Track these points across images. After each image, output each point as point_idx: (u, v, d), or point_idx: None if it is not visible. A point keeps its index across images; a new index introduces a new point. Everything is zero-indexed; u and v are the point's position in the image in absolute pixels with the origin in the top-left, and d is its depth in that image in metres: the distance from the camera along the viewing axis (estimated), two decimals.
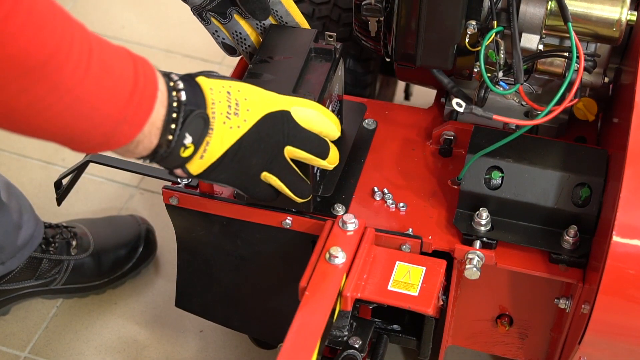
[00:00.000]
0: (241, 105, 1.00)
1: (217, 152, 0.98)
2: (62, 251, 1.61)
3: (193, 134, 0.95)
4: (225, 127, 0.98)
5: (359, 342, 1.17)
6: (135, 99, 0.88)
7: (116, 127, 0.87)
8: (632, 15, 1.15)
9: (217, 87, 0.99)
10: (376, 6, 1.19)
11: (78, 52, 0.82)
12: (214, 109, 0.97)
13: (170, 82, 0.94)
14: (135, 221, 1.73)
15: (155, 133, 0.92)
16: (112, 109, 0.86)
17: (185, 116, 0.93)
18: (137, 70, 0.89)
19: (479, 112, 1.11)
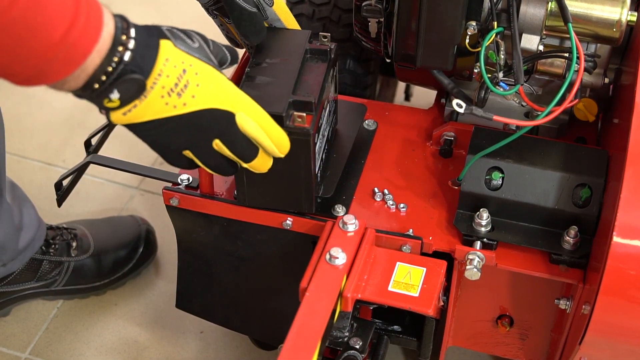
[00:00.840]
0: (189, 88, 0.96)
1: (142, 117, 0.95)
2: (62, 253, 1.61)
3: (122, 92, 0.91)
4: (161, 101, 0.94)
5: (360, 343, 1.17)
6: (69, 39, 0.84)
7: (46, 62, 0.84)
8: (632, 16, 1.15)
9: (175, 60, 0.94)
10: (376, 7, 1.19)
11: None
12: (156, 81, 0.93)
13: (123, 34, 0.90)
14: (135, 222, 1.73)
15: (83, 78, 0.89)
16: (42, 44, 0.83)
17: (119, 74, 0.90)
18: (79, 9, 0.85)
19: (479, 112, 1.11)
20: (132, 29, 0.91)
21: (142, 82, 0.92)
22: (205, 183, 1.23)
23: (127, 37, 0.90)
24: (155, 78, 0.93)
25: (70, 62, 0.86)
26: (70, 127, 2.03)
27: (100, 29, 0.87)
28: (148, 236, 1.72)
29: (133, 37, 0.91)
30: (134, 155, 1.94)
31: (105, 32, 0.88)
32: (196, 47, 0.98)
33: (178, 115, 0.96)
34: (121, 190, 1.91)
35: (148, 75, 0.92)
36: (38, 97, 2.08)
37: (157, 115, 0.95)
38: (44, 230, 1.61)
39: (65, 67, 0.86)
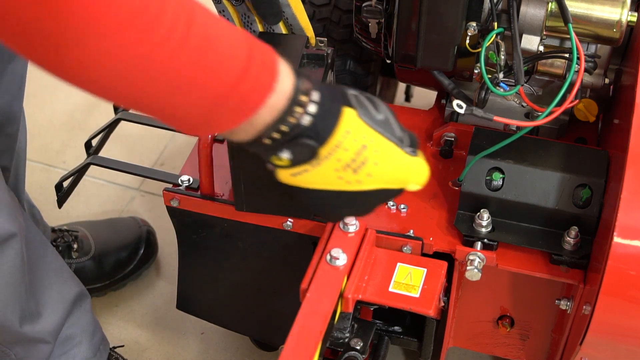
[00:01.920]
0: (366, 167, 0.89)
1: (311, 184, 0.90)
2: (63, 255, 1.62)
3: (293, 154, 0.86)
4: (335, 173, 0.88)
5: (360, 344, 1.17)
6: (241, 88, 0.78)
7: (216, 110, 0.79)
8: (632, 16, 1.15)
9: (356, 134, 0.87)
10: (377, 8, 1.19)
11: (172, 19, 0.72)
12: (333, 152, 0.86)
13: (303, 95, 0.83)
14: (136, 223, 1.73)
15: (251, 132, 0.83)
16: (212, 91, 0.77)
17: (294, 137, 0.84)
18: (253, 57, 0.79)
19: (479, 113, 1.11)
20: (314, 92, 0.84)
21: (315, 150, 0.86)
22: (205, 184, 1.23)
23: (309, 99, 0.84)
24: (332, 149, 0.86)
25: (239, 113, 0.80)
26: (71, 129, 2.03)
27: (273, 82, 0.81)
28: (149, 237, 1.72)
29: (316, 102, 0.84)
30: (134, 156, 1.95)
31: (279, 87, 0.81)
32: (380, 119, 0.90)
33: (350, 191, 0.91)
34: (122, 192, 1.91)
35: (324, 143, 0.85)
36: (39, 99, 2.08)
37: (327, 186, 0.90)
38: (49, 234, 1.61)
39: (234, 117, 0.80)
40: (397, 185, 0.94)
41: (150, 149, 2.00)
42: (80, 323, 1.38)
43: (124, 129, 1.58)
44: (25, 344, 1.30)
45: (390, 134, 0.91)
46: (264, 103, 0.80)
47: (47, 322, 1.32)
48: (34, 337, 1.30)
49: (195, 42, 0.75)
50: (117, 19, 0.69)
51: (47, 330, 1.32)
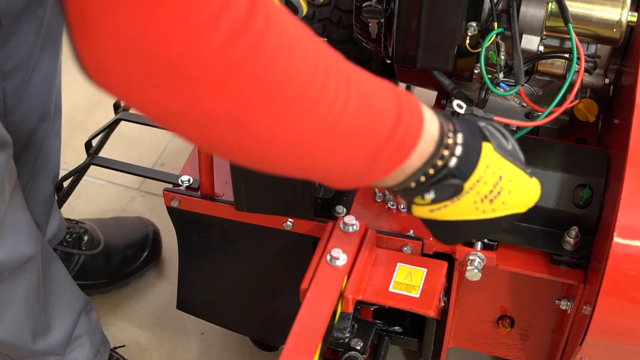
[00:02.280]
0: (502, 196, 0.92)
1: (448, 216, 0.92)
2: (74, 245, 1.62)
3: (437, 194, 0.88)
4: (473, 205, 0.91)
5: (361, 344, 1.17)
6: (395, 138, 0.80)
7: (371, 165, 0.81)
8: (632, 16, 1.15)
9: (494, 167, 0.90)
10: (377, 8, 1.19)
11: (335, 85, 0.74)
12: (474, 187, 0.89)
13: (448, 138, 0.86)
14: (142, 222, 1.73)
15: (400, 178, 0.86)
16: (369, 148, 0.80)
17: (440, 179, 0.87)
18: (401, 105, 0.81)
19: (479, 113, 1.11)
20: (459, 134, 0.87)
21: (461, 188, 0.88)
22: (205, 184, 1.23)
23: (454, 142, 0.86)
24: (473, 184, 0.89)
25: (393, 162, 0.82)
26: (71, 129, 2.03)
27: (421, 127, 0.83)
28: (155, 237, 1.72)
29: (461, 144, 0.87)
30: (134, 156, 1.95)
31: (427, 132, 0.84)
32: (510, 149, 0.93)
33: (484, 219, 0.93)
34: (122, 192, 1.91)
35: (466, 180, 0.88)
36: None
37: (463, 217, 0.92)
38: (65, 223, 1.62)
39: (387, 167, 0.83)
40: (524, 208, 0.97)
41: (151, 149, 2.00)
42: (81, 325, 1.39)
43: (124, 129, 1.58)
44: (36, 357, 1.31)
45: (519, 162, 0.94)
46: (415, 149, 0.83)
47: (58, 335, 1.33)
48: (46, 350, 1.31)
49: (354, 102, 0.76)
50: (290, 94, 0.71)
51: (58, 343, 1.33)
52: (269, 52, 0.68)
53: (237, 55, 0.66)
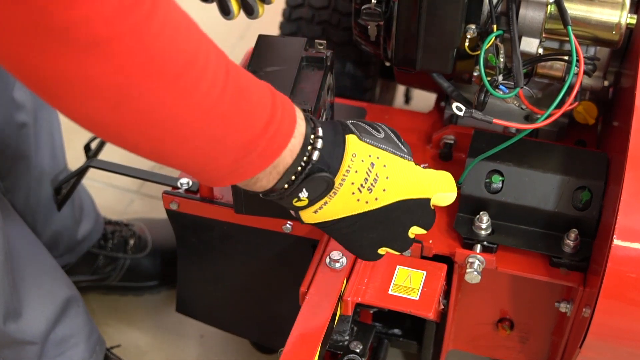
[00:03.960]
0: (379, 182, 0.94)
1: (334, 214, 0.94)
2: (119, 249, 1.62)
3: (310, 191, 0.91)
4: (352, 197, 0.93)
5: (360, 347, 1.17)
6: (269, 132, 0.83)
7: (245, 157, 0.83)
8: (631, 19, 1.15)
9: (362, 154, 0.92)
10: (376, 10, 1.19)
11: (214, 70, 0.77)
12: (345, 177, 0.91)
13: (312, 134, 0.90)
14: None
15: (274, 176, 0.88)
16: (245, 136, 0.82)
17: (309, 173, 0.89)
18: (276, 104, 0.85)
19: (479, 116, 1.11)
20: (319, 128, 0.91)
21: (330, 180, 0.91)
22: (205, 187, 1.23)
23: (316, 136, 0.90)
24: (343, 175, 0.91)
25: (267, 156, 0.85)
26: (70, 131, 2.03)
27: (294, 125, 0.87)
28: None
29: (320, 137, 0.90)
30: (133, 159, 1.95)
31: (297, 130, 0.87)
32: (382, 137, 0.96)
33: (371, 210, 0.95)
34: (121, 195, 1.91)
35: (336, 173, 0.91)
36: None
37: (348, 212, 0.94)
38: (102, 223, 1.62)
39: (261, 161, 0.85)
40: (415, 194, 0.98)
41: None
42: (76, 324, 1.39)
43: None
44: (12, 346, 1.30)
45: (394, 148, 0.96)
46: (287, 145, 0.86)
47: (32, 322, 1.32)
48: (19, 338, 1.30)
49: (232, 90, 0.79)
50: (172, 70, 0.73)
51: (33, 331, 1.32)
52: (155, 28, 0.70)
53: (125, 26, 0.68)
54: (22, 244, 1.32)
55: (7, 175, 1.41)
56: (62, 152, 1.54)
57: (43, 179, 1.48)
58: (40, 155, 1.46)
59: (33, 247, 1.36)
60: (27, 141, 1.41)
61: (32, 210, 1.48)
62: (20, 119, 1.38)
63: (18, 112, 1.37)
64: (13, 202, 1.42)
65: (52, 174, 1.50)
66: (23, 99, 1.37)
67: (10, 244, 1.26)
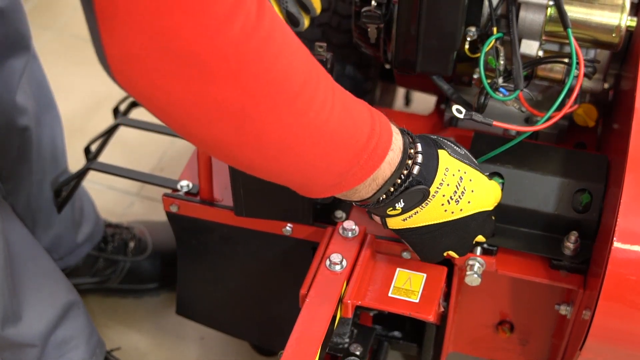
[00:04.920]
0: (466, 195, 1.00)
1: (420, 222, 1.00)
2: (118, 251, 1.62)
3: (407, 202, 0.96)
4: (441, 208, 0.99)
5: (360, 349, 1.17)
6: (370, 146, 0.88)
7: (349, 170, 0.88)
8: (631, 21, 1.15)
9: (452, 169, 0.99)
10: (376, 13, 1.19)
11: (324, 89, 0.82)
12: (438, 190, 0.97)
13: (411, 148, 0.95)
14: None
15: (373, 187, 0.93)
16: (350, 151, 0.87)
17: (408, 186, 0.94)
18: (374, 118, 0.90)
19: (478, 118, 1.11)
20: (418, 144, 0.96)
21: (427, 192, 0.96)
22: (205, 189, 1.23)
23: (415, 151, 0.95)
24: (437, 187, 0.97)
25: (367, 168, 0.90)
26: (70, 134, 2.03)
27: (390, 138, 0.92)
28: None
29: (420, 152, 0.95)
30: (133, 161, 1.95)
31: (395, 143, 0.92)
32: (463, 153, 1.03)
33: (454, 220, 1.01)
34: (121, 197, 1.91)
35: (430, 185, 0.96)
36: None
37: (434, 221, 1.00)
38: (102, 226, 1.63)
39: (362, 173, 0.90)
40: (488, 206, 1.06)
41: (150, 154, 2.00)
42: (76, 326, 1.39)
43: (124, 134, 1.58)
44: (12, 348, 1.30)
45: (474, 164, 1.04)
46: (385, 158, 0.91)
47: (32, 325, 1.32)
48: (19, 341, 1.30)
49: (339, 108, 0.84)
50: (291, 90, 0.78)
51: (32, 334, 1.32)
52: (275, 48, 0.75)
53: (249, 48, 0.72)
54: (23, 247, 1.33)
55: (8, 179, 1.41)
56: (64, 156, 1.54)
57: (44, 183, 1.48)
58: (41, 159, 1.46)
59: (33, 250, 1.36)
60: (29, 145, 1.41)
61: (33, 214, 1.48)
62: (22, 123, 1.38)
63: (20, 116, 1.37)
64: (14, 205, 1.42)
65: (53, 177, 1.50)
66: (25, 103, 1.37)
67: (10, 247, 1.26)
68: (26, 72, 1.36)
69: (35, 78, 1.41)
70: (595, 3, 1.15)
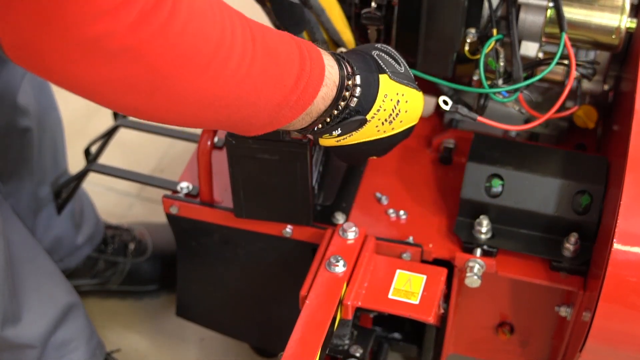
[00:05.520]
0: (400, 116, 1.01)
1: (352, 141, 1.00)
2: (119, 253, 1.62)
3: (343, 130, 0.96)
4: (374, 129, 0.99)
5: (360, 351, 1.17)
6: (299, 87, 0.87)
7: (280, 111, 0.88)
8: (631, 23, 1.15)
9: (391, 94, 0.98)
10: (375, 14, 1.19)
11: (241, 42, 0.81)
12: (374, 115, 0.97)
13: (349, 79, 0.94)
14: None
15: (307, 120, 0.93)
16: (278, 96, 0.86)
17: (345, 117, 0.95)
18: (303, 55, 0.88)
19: (464, 111, 1.11)
20: (357, 76, 0.94)
21: (364, 121, 0.97)
22: (205, 191, 1.23)
23: (353, 83, 0.94)
24: (374, 114, 0.97)
25: (298, 108, 0.89)
26: (70, 135, 2.03)
27: (323, 73, 0.90)
28: None
29: (359, 85, 0.94)
30: (133, 163, 1.95)
31: (328, 78, 0.91)
32: (402, 71, 1.01)
33: (384, 137, 1.02)
34: (121, 198, 1.91)
35: (368, 113, 0.96)
36: None
37: (365, 139, 1.00)
38: (102, 228, 1.63)
39: (294, 112, 0.89)
40: (416, 120, 1.06)
41: (150, 155, 2.00)
42: (76, 328, 1.39)
43: (124, 135, 1.58)
44: (11, 349, 1.30)
45: (411, 81, 1.02)
46: (318, 95, 0.90)
47: (32, 327, 1.32)
48: (18, 342, 1.30)
49: (260, 56, 0.83)
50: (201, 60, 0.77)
51: (32, 335, 1.32)
52: (178, 26, 0.73)
53: (148, 32, 0.71)
54: (23, 248, 1.33)
55: (9, 180, 1.41)
56: (64, 157, 1.54)
57: (44, 184, 1.48)
58: (42, 160, 1.46)
59: (33, 251, 1.36)
60: (30, 146, 1.41)
61: (33, 215, 1.48)
62: (23, 124, 1.38)
63: (21, 117, 1.37)
64: (14, 206, 1.42)
65: (53, 178, 1.50)
66: (27, 104, 1.37)
67: (10, 248, 1.26)
68: (27, 74, 1.36)
69: (36, 79, 1.41)
70: (595, 4, 1.15)
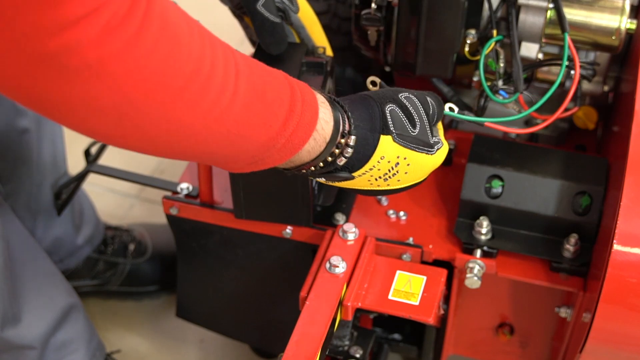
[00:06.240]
0: (398, 175, 0.95)
1: (343, 185, 0.95)
2: (119, 254, 1.62)
3: (328, 179, 0.92)
4: (367, 183, 0.94)
5: (360, 352, 1.17)
6: (288, 130, 0.82)
7: (265, 152, 0.83)
8: (631, 24, 1.15)
9: (390, 156, 0.92)
10: (375, 15, 1.19)
11: (222, 74, 0.75)
12: (366, 172, 0.92)
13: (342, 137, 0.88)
14: None
15: (290, 166, 0.89)
16: (262, 136, 0.81)
17: (330, 171, 0.91)
18: (295, 102, 0.83)
19: (470, 118, 1.11)
20: (353, 137, 0.89)
21: (351, 178, 0.92)
22: (205, 192, 1.23)
23: (346, 143, 0.89)
24: (366, 171, 0.92)
25: (283, 155, 0.85)
26: (70, 136, 2.03)
27: (313, 126, 0.85)
28: None
29: (352, 146, 0.89)
30: (133, 164, 1.95)
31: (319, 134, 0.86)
32: (415, 134, 0.94)
33: (376, 189, 0.97)
34: (121, 200, 1.91)
35: (359, 170, 0.91)
36: None
37: (356, 187, 0.96)
38: (102, 228, 1.62)
39: (281, 156, 0.85)
40: (419, 179, 0.99)
41: (150, 156, 1.99)
42: (76, 329, 1.39)
43: None
44: (11, 350, 1.30)
45: (423, 146, 0.94)
46: (304, 147, 0.85)
47: (32, 328, 1.32)
48: (18, 343, 1.30)
49: (244, 93, 0.77)
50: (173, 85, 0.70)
51: (32, 336, 1.32)
52: (148, 44, 0.67)
53: (114, 47, 0.65)
54: (23, 249, 1.33)
55: (9, 180, 1.41)
56: (63, 158, 1.54)
57: (44, 185, 1.48)
58: (41, 161, 1.46)
59: (33, 252, 1.36)
60: (29, 147, 1.41)
61: (33, 216, 1.48)
62: (22, 125, 1.38)
63: (20, 118, 1.37)
64: (14, 207, 1.42)
65: (53, 179, 1.50)
66: None
67: (10, 248, 1.26)
68: None
69: None
70: (595, 6, 1.15)
